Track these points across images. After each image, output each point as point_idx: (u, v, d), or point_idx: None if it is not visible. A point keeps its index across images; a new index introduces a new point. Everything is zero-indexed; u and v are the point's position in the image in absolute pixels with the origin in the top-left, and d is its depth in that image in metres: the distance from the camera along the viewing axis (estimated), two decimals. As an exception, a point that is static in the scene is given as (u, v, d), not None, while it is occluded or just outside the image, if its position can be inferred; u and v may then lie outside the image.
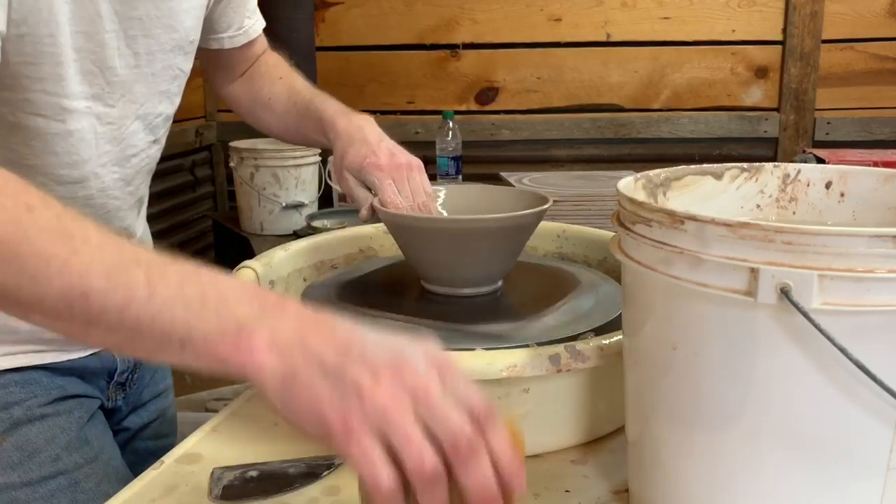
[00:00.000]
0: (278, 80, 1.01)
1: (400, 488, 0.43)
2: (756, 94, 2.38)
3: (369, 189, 0.87)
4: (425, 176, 0.88)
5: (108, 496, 0.63)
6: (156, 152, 0.84)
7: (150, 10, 0.75)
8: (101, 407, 0.87)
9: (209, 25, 0.94)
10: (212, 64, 1.01)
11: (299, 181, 1.94)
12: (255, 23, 0.99)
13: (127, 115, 0.77)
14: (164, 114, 0.82)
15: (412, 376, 0.44)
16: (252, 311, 0.47)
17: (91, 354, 0.84)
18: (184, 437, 0.72)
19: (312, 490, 0.62)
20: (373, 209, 0.85)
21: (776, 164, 0.62)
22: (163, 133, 0.84)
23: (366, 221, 0.87)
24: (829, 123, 2.36)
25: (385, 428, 0.43)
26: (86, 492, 0.79)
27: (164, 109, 0.82)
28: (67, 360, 0.81)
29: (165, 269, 0.49)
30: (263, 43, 1.03)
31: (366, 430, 0.43)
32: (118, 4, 0.71)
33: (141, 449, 0.94)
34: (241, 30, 0.97)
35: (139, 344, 0.49)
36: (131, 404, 0.93)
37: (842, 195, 0.60)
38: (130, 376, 0.90)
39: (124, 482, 0.66)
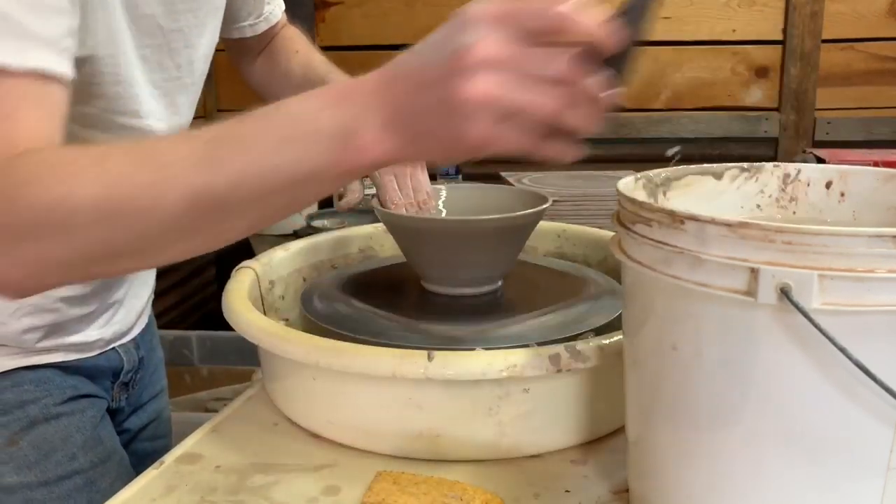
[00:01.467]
0: (295, 55, 1.00)
1: None
2: (756, 94, 2.38)
3: (362, 179, 0.86)
4: (426, 174, 0.88)
5: None
6: None
7: (190, 21, 0.74)
8: (107, 408, 0.87)
9: (229, 16, 0.94)
10: (233, 48, 1.01)
11: (299, 181, 1.93)
12: (274, 8, 0.99)
13: (171, 129, 0.77)
14: (188, 117, 0.82)
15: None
16: (341, 113, 0.51)
17: (99, 354, 0.84)
18: (182, 437, 0.72)
19: (312, 490, 0.62)
20: (351, 205, 0.85)
21: (776, 163, 0.62)
22: None
23: (341, 210, 0.87)
24: (829, 123, 2.36)
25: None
26: (101, 491, 0.79)
27: (190, 114, 0.82)
28: (77, 360, 0.81)
29: (238, 128, 0.51)
30: (283, 19, 1.03)
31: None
32: (163, 19, 0.71)
33: (139, 450, 0.94)
34: (262, 17, 0.97)
35: (269, 204, 0.51)
36: (132, 405, 0.93)
37: (842, 195, 0.60)
38: (134, 376, 0.90)
39: (134, 482, 0.66)
